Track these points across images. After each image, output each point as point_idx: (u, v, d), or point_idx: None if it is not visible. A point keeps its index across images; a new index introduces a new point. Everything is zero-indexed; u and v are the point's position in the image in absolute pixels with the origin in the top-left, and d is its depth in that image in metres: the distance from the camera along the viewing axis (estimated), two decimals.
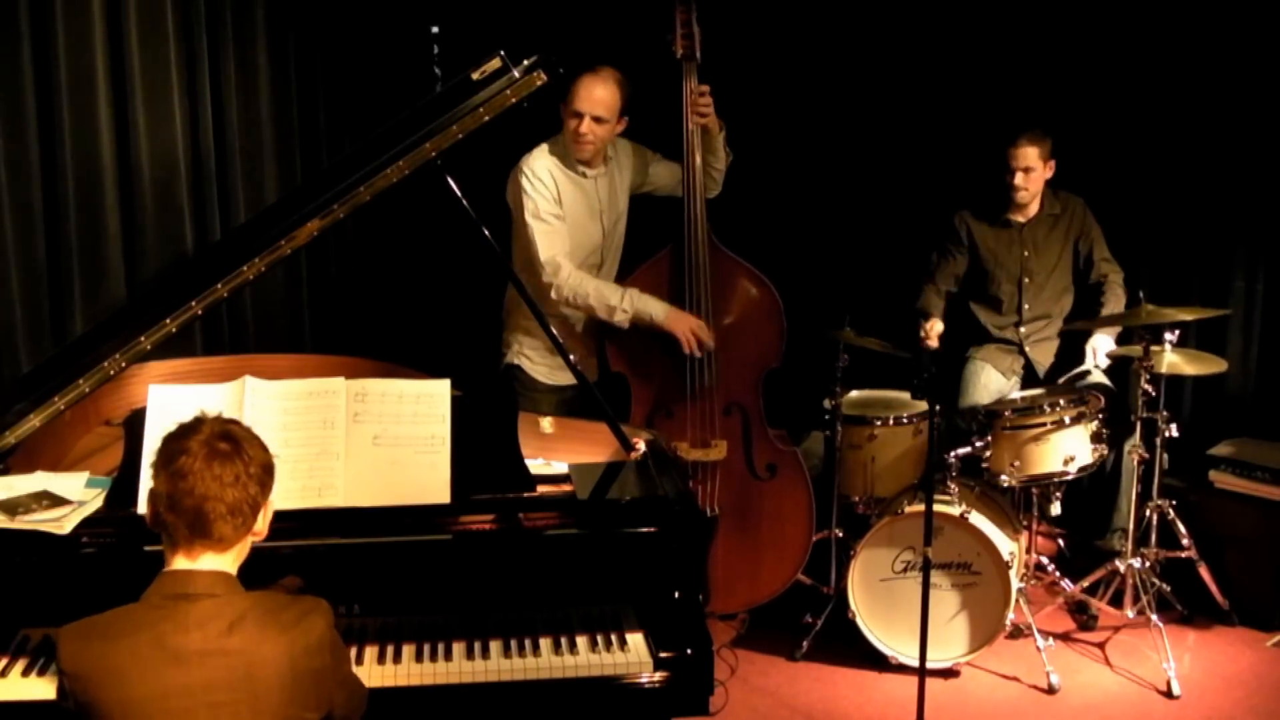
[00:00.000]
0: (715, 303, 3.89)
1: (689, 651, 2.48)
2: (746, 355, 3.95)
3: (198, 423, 2.04)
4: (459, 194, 2.77)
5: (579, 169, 3.77)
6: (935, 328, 4.30)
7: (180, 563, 1.99)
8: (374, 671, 2.38)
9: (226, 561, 2.02)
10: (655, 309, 3.77)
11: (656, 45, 3.80)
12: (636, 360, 3.89)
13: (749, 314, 3.96)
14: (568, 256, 3.71)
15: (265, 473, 2.06)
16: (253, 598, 2.01)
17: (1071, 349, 4.40)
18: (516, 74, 2.69)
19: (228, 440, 2.01)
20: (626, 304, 3.74)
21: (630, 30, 4.02)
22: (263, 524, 2.09)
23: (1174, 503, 4.07)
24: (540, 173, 3.70)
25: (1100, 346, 4.24)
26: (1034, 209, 4.38)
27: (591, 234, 3.83)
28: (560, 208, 3.72)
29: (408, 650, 2.44)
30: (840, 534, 4.13)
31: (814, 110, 4.82)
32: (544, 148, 3.76)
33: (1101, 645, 4.03)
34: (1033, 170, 4.23)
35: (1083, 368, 4.29)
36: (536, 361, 3.85)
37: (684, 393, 3.88)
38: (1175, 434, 3.90)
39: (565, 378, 3.82)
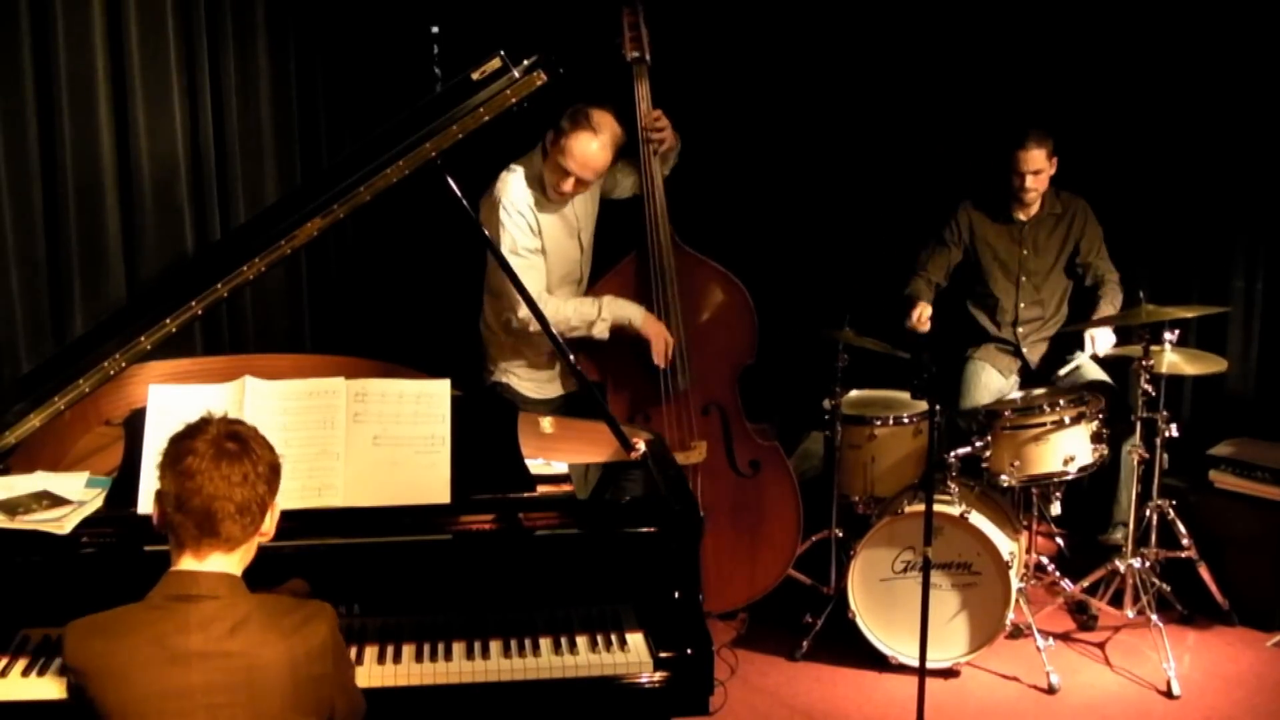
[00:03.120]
0: (685, 303, 3.88)
1: (689, 651, 2.48)
2: (721, 353, 3.95)
3: (204, 422, 2.03)
4: (459, 194, 2.77)
5: (557, 201, 3.68)
6: (925, 311, 4.23)
7: (187, 563, 1.99)
8: (374, 671, 2.38)
9: (233, 563, 2.02)
10: (632, 312, 3.76)
11: (606, 48, 3.76)
12: (609, 368, 3.88)
13: (719, 312, 3.95)
14: (545, 289, 3.67)
15: (273, 472, 2.05)
16: (256, 600, 2.00)
17: (1061, 348, 4.39)
18: (516, 74, 2.69)
19: (235, 440, 2.01)
20: (605, 313, 3.72)
21: (580, 33, 3.97)
22: (270, 524, 2.09)
23: (1174, 503, 4.07)
24: (520, 205, 3.59)
25: (1100, 336, 4.21)
26: (1036, 208, 4.38)
27: (570, 253, 3.80)
28: (539, 239, 3.65)
29: (408, 650, 2.44)
30: (840, 534, 4.13)
31: (815, 110, 4.81)
32: (519, 174, 3.63)
33: (1101, 645, 4.03)
34: (1041, 172, 4.24)
35: (1077, 360, 4.27)
36: (524, 378, 3.82)
37: (659, 396, 3.88)
38: (1175, 434, 3.90)
39: (553, 390, 3.84)
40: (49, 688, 2.26)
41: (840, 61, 4.80)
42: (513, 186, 3.62)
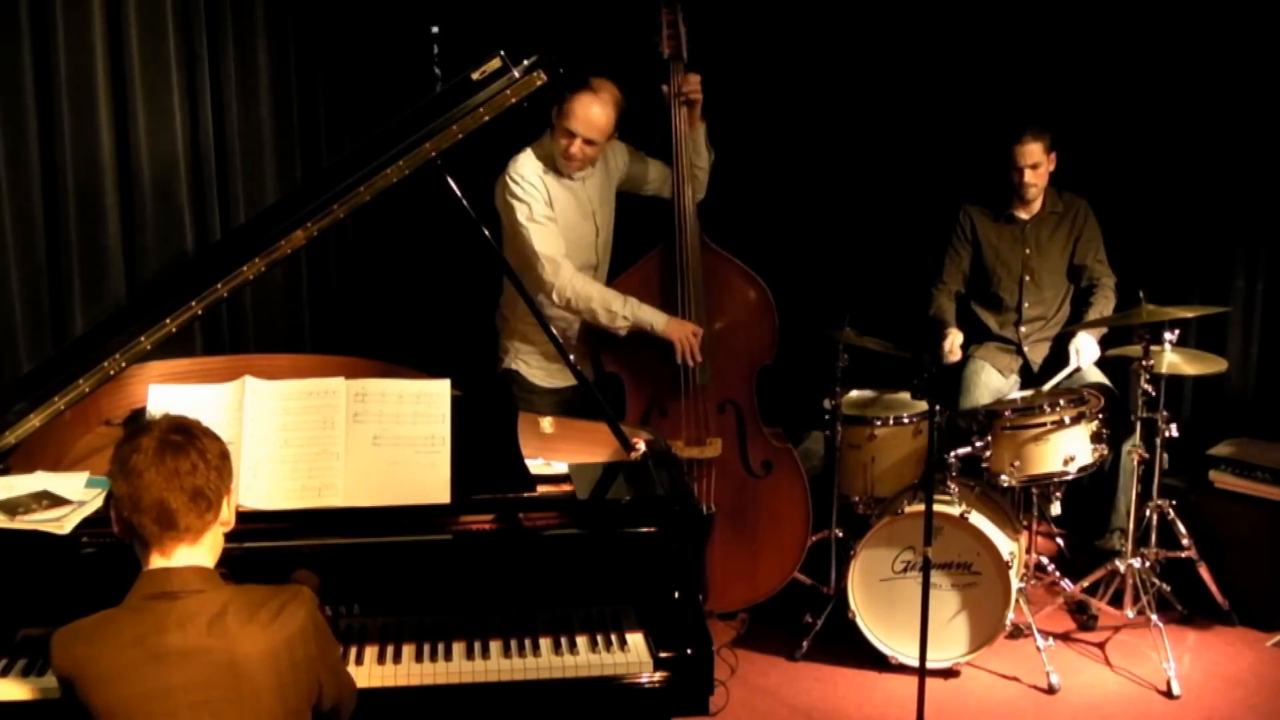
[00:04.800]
0: (707, 301, 3.89)
1: (689, 651, 2.48)
2: (740, 353, 3.96)
3: (148, 423, 2.05)
4: (459, 194, 2.77)
5: (567, 172, 3.74)
6: (956, 340, 4.27)
7: (157, 562, 2.00)
8: (374, 671, 2.38)
9: (201, 554, 2.02)
10: (655, 318, 3.77)
11: (643, 45, 3.78)
12: (631, 360, 3.89)
13: (741, 312, 3.96)
14: (566, 257, 3.70)
15: (221, 459, 2.05)
16: (231, 592, 2.00)
17: (1060, 350, 4.39)
18: (516, 74, 2.69)
19: (180, 432, 2.02)
20: (628, 311, 3.74)
21: (616, 30, 4.00)
22: (229, 513, 2.09)
23: (1174, 503, 4.07)
24: (530, 177, 3.66)
25: (1084, 348, 4.22)
26: (1037, 206, 4.38)
27: (585, 234, 3.83)
28: (552, 210, 3.70)
29: (408, 650, 2.45)
30: (840, 534, 4.13)
31: (814, 109, 4.81)
32: (529, 152, 3.71)
33: (1101, 645, 4.03)
34: (1039, 165, 4.25)
35: (1070, 368, 4.27)
36: (534, 365, 3.86)
37: (678, 391, 3.89)
38: (1175, 434, 3.90)
39: (563, 380, 3.84)
40: (49, 688, 2.25)
41: (839, 62, 4.79)
42: (523, 162, 3.69)
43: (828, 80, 4.80)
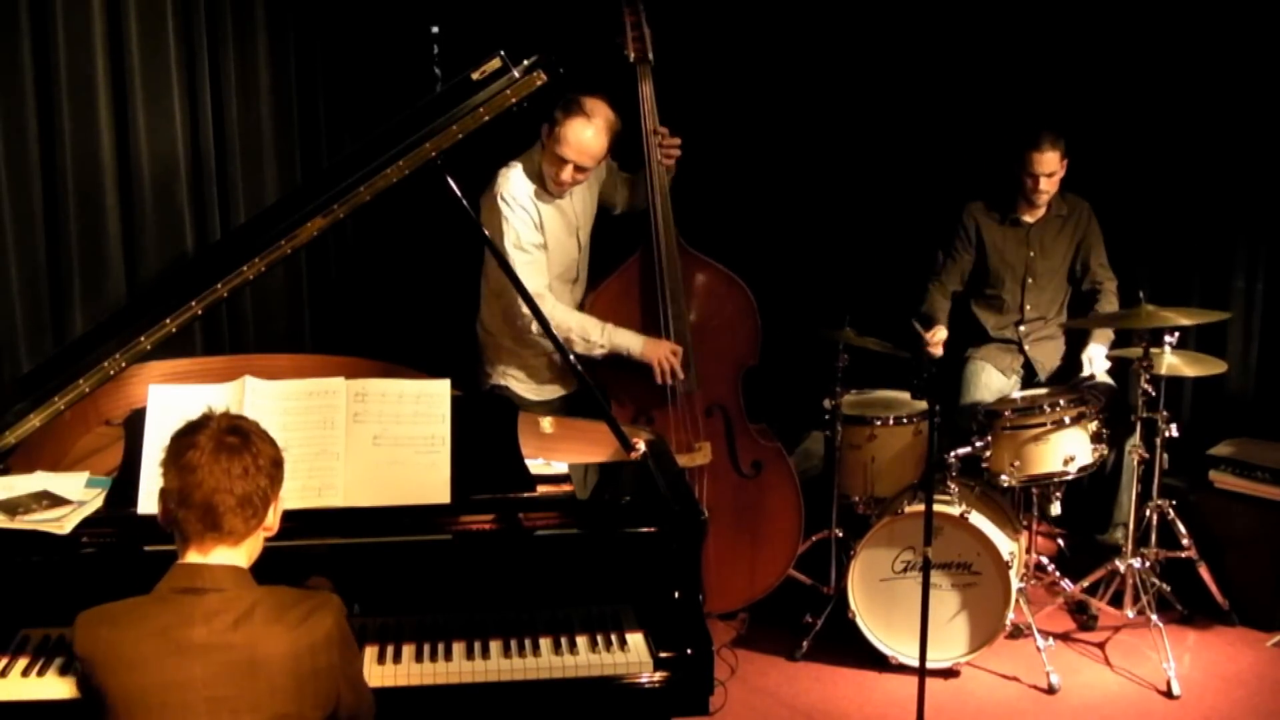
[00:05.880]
0: (688, 305, 3.87)
1: (689, 651, 2.48)
2: (724, 355, 3.95)
3: (206, 418, 2.05)
4: (459, 194, 2.78)
5: (556, 194, 3.68)
6: (939, 335, 4.25)
7: (192, 557, 2.01)
8: (374, 671, 2.38)
9: (239, 556, 2.03)
10: (631, 342, 3.75)
11: (608, 48, 3.74)
12: (614, 369, 3.86)
13: (723, 314, 3.95)
14: (548, 288, 3.67)
15: (274, 466, 2.07)
16: (261, 592, 2.02)
17: (1072, 357, 4.39)
18: (516, 74, 2.69)
19: (236, 434, 2.03)
20: (605, 339, 3.72)
21: (582, 33, 3.96)
22: (274, 519, 2.10)
23: (1174, 503, 4.06)
24: (521, 199, 3.60)
25: (1096, 356, 4.24)
26: (1043, 209, 4.38)
27: (569, 251, 3.80)
28: (542, 234, 3.65)
29: (408, 650, 2.45)
30: (840, 534, 4.13)
31: (814, 109, 4.82)
32: (519, 169, 3.64)
33: (1101, 645, 4.03)
34: (1055, 174, 4.24)
35: (1083, 375, 4.28)
36: (521, 380, 3.83)
37: (664, 398, 3.88)
38: (1175, 434, 3.90)
39: (550, 392, 3.84)
40: (49, 688, 2.26)
41: (839, 60, 4.80)
42: (513, 181, 3.62)
43: (830, 80, 4.80)
